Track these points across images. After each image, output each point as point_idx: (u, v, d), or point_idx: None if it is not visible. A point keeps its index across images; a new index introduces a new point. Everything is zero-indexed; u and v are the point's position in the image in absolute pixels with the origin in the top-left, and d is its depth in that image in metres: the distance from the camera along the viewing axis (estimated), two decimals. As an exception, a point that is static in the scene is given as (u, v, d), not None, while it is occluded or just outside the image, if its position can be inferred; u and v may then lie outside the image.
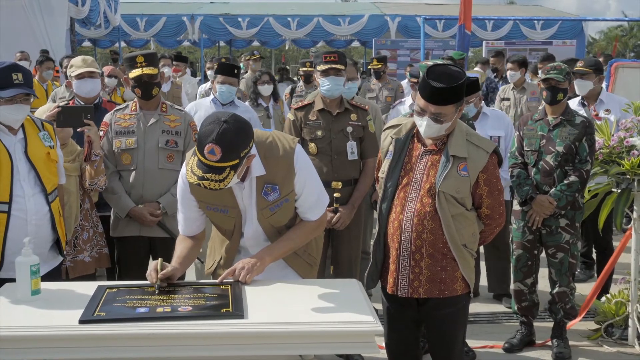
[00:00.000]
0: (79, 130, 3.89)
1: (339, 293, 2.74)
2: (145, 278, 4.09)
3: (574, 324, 4.68)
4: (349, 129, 4.28)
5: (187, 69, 10.66)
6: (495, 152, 3.13)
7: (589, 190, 4.61)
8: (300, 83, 8.62)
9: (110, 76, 7.66)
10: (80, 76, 4.52)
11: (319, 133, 4.27)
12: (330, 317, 2.46)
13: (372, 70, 9.05)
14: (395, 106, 5.80)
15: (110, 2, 16.12)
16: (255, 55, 10.33)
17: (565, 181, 4.29)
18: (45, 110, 3.88)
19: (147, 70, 4.04)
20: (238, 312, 2.46)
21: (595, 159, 4.40)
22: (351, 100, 4.45)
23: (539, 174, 4.38)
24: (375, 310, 2.60)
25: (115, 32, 19.91)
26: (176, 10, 22.25)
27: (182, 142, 4.10)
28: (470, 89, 5.09)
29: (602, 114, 5.28)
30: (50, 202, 3.24)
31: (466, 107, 5.02)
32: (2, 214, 3.09)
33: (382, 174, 3.23)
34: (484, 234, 3.25)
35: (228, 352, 2.40)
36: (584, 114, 4.64)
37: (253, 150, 2.72)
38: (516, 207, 4.50)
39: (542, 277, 4.75)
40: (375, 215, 3.43)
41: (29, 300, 2.60)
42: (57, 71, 9.51)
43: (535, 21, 20.05)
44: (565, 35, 19.69)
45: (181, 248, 2.96)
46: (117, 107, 4.24)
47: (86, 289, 2.72)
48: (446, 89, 2.93)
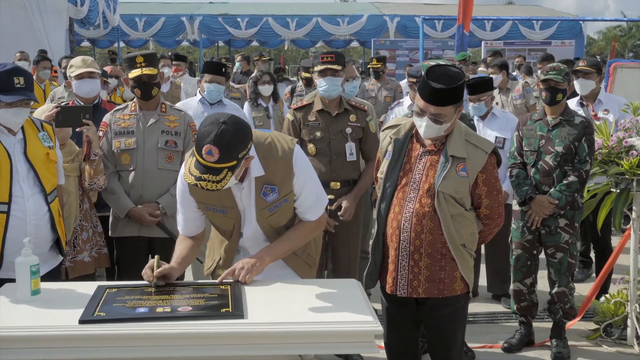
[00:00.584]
0: (77, 130, 3.90)
1: (339, 293, 2.74)
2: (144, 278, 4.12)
3: (573, 324, 4.69)
4: (348, 130, 4.28)
5: (185, 69, 10.65)
6: (494, 152, 3.14)
7: (588, 190, 4.61)
8: (300, 83, 8.62)
9: (110, 76, 7.65)
10: (79, 76, 4.52)
11: (318, 134, 4.27)
12: (330, 317, 2.47)
13: (371, 70, 9.05)
14: (394, 107, 5.80)
15: (109, 2, 16.13)
16: (264, 56, 10.52)
17: (564, 181, 4.29)
18: (44, 110, 3.89)
19: (147, 71, 4.04)
20: (238, 312, 2.46)
21: (594, 159, 4.41)
22: (350, 101, 4.45)
23: (538, 174, 4.38)
24: (375, 310, 2.60)
25: (114, 32, 19.93)
26: (175, 10, 22.28)
27: (182, 143, 4.10)
28: (483, 87, 5.18)
29: (600, 114, 5.28)
30: (50, 202, 3.24)
31: (477, 104, 5.11)
32: (2, 215, 3.09)
33: (381, 174, 3.23)
34: (483, 234, 3.25)
35: (228, 352, 2.41)
36: (582, 114, 4.64)
37: (252, 152, 2.72)
38: (515, 207, 4.50)
39: (541, 277, 4.76)
40: (375, 214, 3.43)
41: (28, 301, 2.60)
42: (56, 71, 9.50)
43: (534, 21, 20.09)
44: (564, 35, 19.73)
45: (181, 248, 2.97)
46: (117, 108, 4.24)
47: (86, 289, 2.72)
48: (446, 90, 2.94)
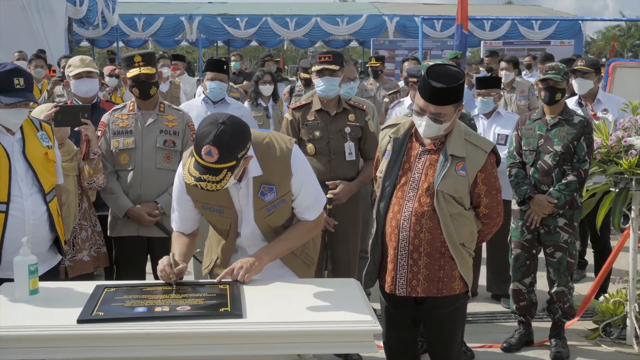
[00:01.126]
0: (76, 129, 3.89)
1: (338, 292, 2.74)
2: (143, 277, 4.12)
3: (572, 324, 4.69)
4: (347, 129, 4.28)
5: (184, 69, 10.65)
6: (494, 151, 3.14)
7: (587, 190, 4.62)
8: (299, 83, 8.62)
9: (111, 76, 7.64)
10: (78, 76, 4.52)
11: (317, 133, 4.26)
12: (329, 317, 2.46)
13: (370, 69, 9.06)
14: (394, 107, 5.80)
15: (108, 2, 16.12)
16: (274, 58, 10.72)
17: (563, 181, 4.29)
18: (43, 109, 3.88)
19: (145, 70, 4.04)
20: (236, 311, 2.46)
21: (593, 159, 4.41)
22: (349, 100, 4.45)
23: (537, 174, 4.38)
24: (374, 310, 2.60)
25: (113, 32, 19.92)
26: (174, 10, 22.28)
27: (180, 142, 4.10)
28: (492, 82, 5.30)
29: (599, 114, 5.28)
30: (48, 202, 3.24)
31: (486, 99, 5.19)
32: (0, 214, 3.09)
33: (380, 173, 3.23)
34: (482, 233, 3.25)
35: (226, 352, 2.40)
36: (581, 114, 4.64)
37: (250, 152, 2.72)
38: (515, 206, 4.50)
39: (541, 276, 4.75)
40: (374, 214, 3.43)
41: (27, 300, 2.59)
42: (54, 71, 9.49)
43: (533, 21, 20.10)
44: (563, 35, 19.74)
45: (180, 245, 2.96)
46: (115, 107, 4.23)
47: (84, 288, 2.72)
48: (446, 89, 2.94)
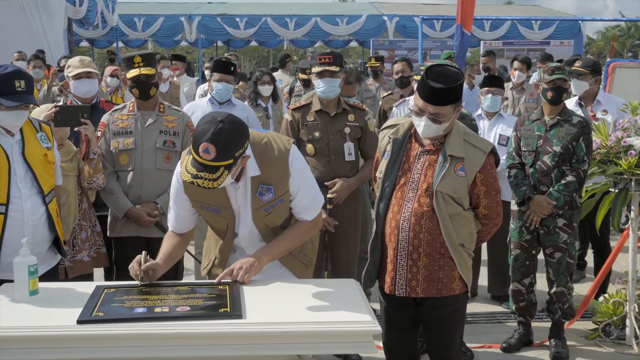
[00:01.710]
0: (76, 129, 3.90)
1: (337, 293, 2.74)
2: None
3: (572, 324, 4.69)
4: (347, 129, 4.28)
5: (183, 69, 10.64)
6: (493, 152, 3.14)
7: (587, 190, 4.62)
8: (298, 83, 8.62)
9: (112, 76, 7.64)
10: (77, 76, 4.52)
11: (317, 134, 4.27)
12: (328, 317, 2.47)
13: (369, 69, 9.07)
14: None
15: (108, 2, 16.11)
16: (292, 58, 10.91)
17: (562, 181, 4.29)
18: (42, 110, 3.89)
19: (145, 71, 4.04)
20: (236, 312, 2.46)
21: (592, 159, 4.41)
22: (348, 100, 4.46)
23: (536, 174, 4.38)
24: (374, 311, 2.60)
25: (113, 32, 19.89)
26: (174, 11, 22.25)
27: (180, 143, 4.10)
28: (496, 81, 5.39)
29: (599, 114, 5.28)
30: (47, 203, 3.24)
31: (496, 96, 5.29)
32: (0, 215, 3.09)
33: (379, 174, 3.23)
34: (481, 233, 3.25)
35: (226, 352, 2.41)
36: (580, 114, 4.65)
37: (248, 151, 2.73)
38: (514, 207, 4.50)
39: (540, 277, 4.76)
40: (373, 215, 3.43)
41: (27, 301, 2.59)
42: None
43: (533, 21, 20.07)
44: (563, 35, 19.71)
45: (167, 246, 2.96)
46: (115, 108, 4.23)
47: (84, 289, 2.72)
48: (445, 89, 2.94)
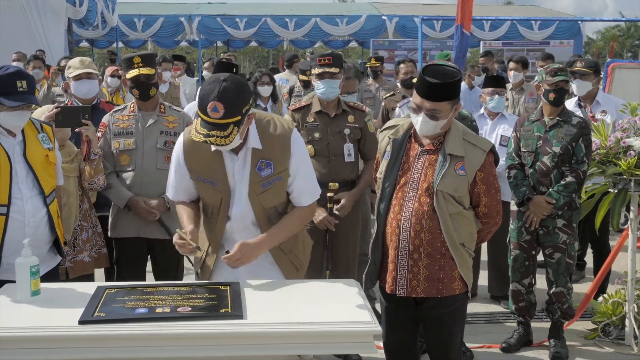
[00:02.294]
0: (77, 130, 3.91)
1: (337, 293, 2.76)
2: (144, 278, 4.13)
3: (571, 324, 4.70)
4: (347, 130, 4.29)
5: (183, 69, 10.65)
6: (492, 151, 3.16)
7: (586, 191, 4.63)
8: (298, 84, 8.63)
9: (113, 76, 7.65)
10: (77, 77, 4.53)
11: (317, 135, 4.27)
12: (329, 317, 2.48)
13: (369, 69, 9.07)
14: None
15: (108, 2, 16.13)
16: (299, 58, 11.08)
17: (562, 182, 4.30)
18: (44, 111, 3.90)
19: (144, 71, 4.04)
20: (237, 312, 2.48)
21: (592, 160, 4.42)
22: (348, 102, 4.46)
23: (536, 175, 4.39)
24: (375, 311, 2.61)
25: (113, 32, 19.89)
26: (174, 11, 22.26)
27: None
28: (500, 81, 5.42)
29: (598, 115, 5.30)
30: (48, 204, 3.25)
31: (499, 97, 5.31)
32: (1, 216, 3.10)
33: (380, 175, 3.24)
34: (482, 232, 3.27)
35: (227, 352, 2.42)
36: (580, 115, 4.66)
37: (253, 126, 2.84)
38: (514, 207, 4.51)
39: (540, 277, 4.76)
40: (373, 216, 3.44)
41: (28, 301, 2.61)
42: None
43: (533, 21, 20.09)
44: (562, 35, 19.72)
45: (188, 211, 3.03)
46: (116, 108, 4.24)
47: (86, 289, 2.74)
48: (441, 84, 2.99)
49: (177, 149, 2.99)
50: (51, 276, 3.27)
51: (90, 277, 4.02)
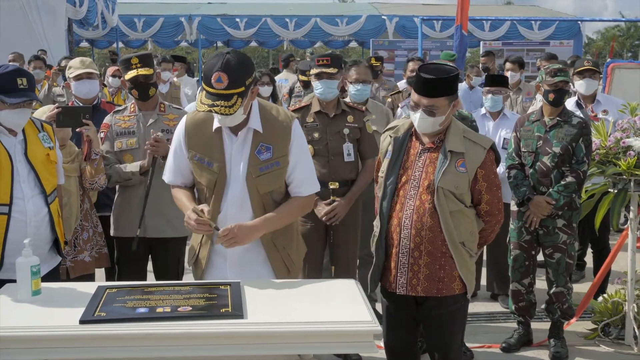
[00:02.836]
0: (77, 130, 3.91)
1: (338, 293, 2.76)
2: (145, 278, 4.14)
3: (571, 324, 4.71)
4: (346, 130, 4.29)
5: (184, 69, 10.64)
6: (492, 148, 3.17)
7: (586, 191, 4.63)
8: (298, 84, 8.63)
9: (114, 76, 7.65)
10: (78, 77, 4.54)
11: (316, 135, 4.28)
12: (329, 317, 2.48)
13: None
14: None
15: (108, 2, 16.14)
16: (296, 58, 10.97)
17: (562, 182, 4.31)
18: (45, 111, 3.91)
19: (143, 71, 4.05)
20: (237, 312, 2.48)
21: (592, 160, 4.42)
22: (347, 102, 4.48)
23: (536, 175, 4.40)
24: (375, 312, 2.62)
25: (113, 32, 19.90)
26: (174, 11, 22.26)
27: None
28: (501, 81, 5.44)
29: (600, 115, 5.30)
30: (50, 203, 3.25)
31: (497, 96, 5.32)
32: (3, 216, 3.10)
33: (381, 174, 3.25)
34: (485, 232, 3.26)
35: (227, 352, 2.42)
36: (580, 115, 4.66)
37: (254, 105, 2.92)
38: (514, 207, 4.52)
39: (540, 277, 4.77)
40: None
41: (29, 301, 2.61)
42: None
43: (533, 21, 20.10)
44: (562, 35, 19.73)
45: (186, 194, 3.08)
46: (116, 109, 4.24)
47: (86, 289, 2.74)
48: (436, 80, 3.02)
49: (178, 129, 3.06)
50: (52, 276, 3.28)
51: (90, 277, 4.02)
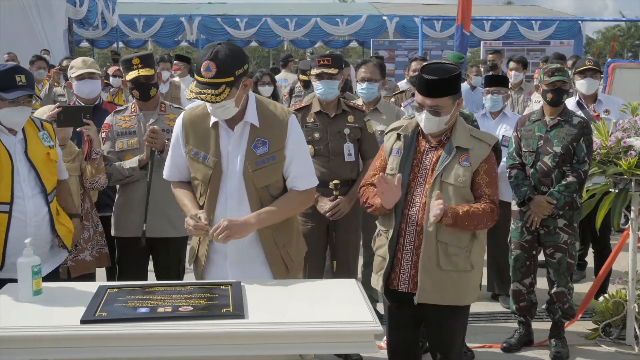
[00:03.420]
0: (78, 130, 3.91)
1: (338, 293, 2.76)
2: (145, 278, 4.14)
3: (572, 324, 4.70)
4: (346, 130, 4.29)
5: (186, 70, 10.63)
6: (496, 146, 3.19)
7: (587, 191, 4.63)
8: (299, 84, 8.63)
9: (115, 76, 7.65)
10: (80, 77, 4.54)
11: (316, 135, 4.28)
12: (330, 317, 2.48)
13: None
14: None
15: (108, 2, 16.16)
16: (294, 58, 11.02)
17: (563, 182, 4.30)
18: (45, 110, 3.91)
19: (144, 72, 4.05)
20: (238, 312, 2.48)
21: (592, 160, 4.42)
22: (348, 102, 4.47)
23: (537, 175, 4.39)
24: (376, 312, 2.61)
25: (113, 32, 19.92)
26: (174, 11, 22.26)
27: None
28: (500, 81, 5.44)
29: (602, 114, 5.30)
30: (50, 202, 3.26)
31: (496, 96, 5.30)
32: (4, 215, 3.10)
33: (390, 171, 3.22)
34: (477, 210, 3.19)
35: (228, 352, 2.42)
36: (581, 115, 4.66)
37: (251, 96, 2.95)
38: (514, 207, 4.51)
39: (540, 277, 4.76)
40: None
41: (30, 301, 2.61)
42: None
43: (533, 21, 20.12)
44: (562, 35, 19.74)
45: (188, 195, 3.08)
46: (117, 109, 4.25)
47: (87, 288, 2.74)
48: (439, 80, 3.03)
49: (176, 124, 3.09)
50: (52, 276, 3.28)
51: (91, 277, 4.02)
